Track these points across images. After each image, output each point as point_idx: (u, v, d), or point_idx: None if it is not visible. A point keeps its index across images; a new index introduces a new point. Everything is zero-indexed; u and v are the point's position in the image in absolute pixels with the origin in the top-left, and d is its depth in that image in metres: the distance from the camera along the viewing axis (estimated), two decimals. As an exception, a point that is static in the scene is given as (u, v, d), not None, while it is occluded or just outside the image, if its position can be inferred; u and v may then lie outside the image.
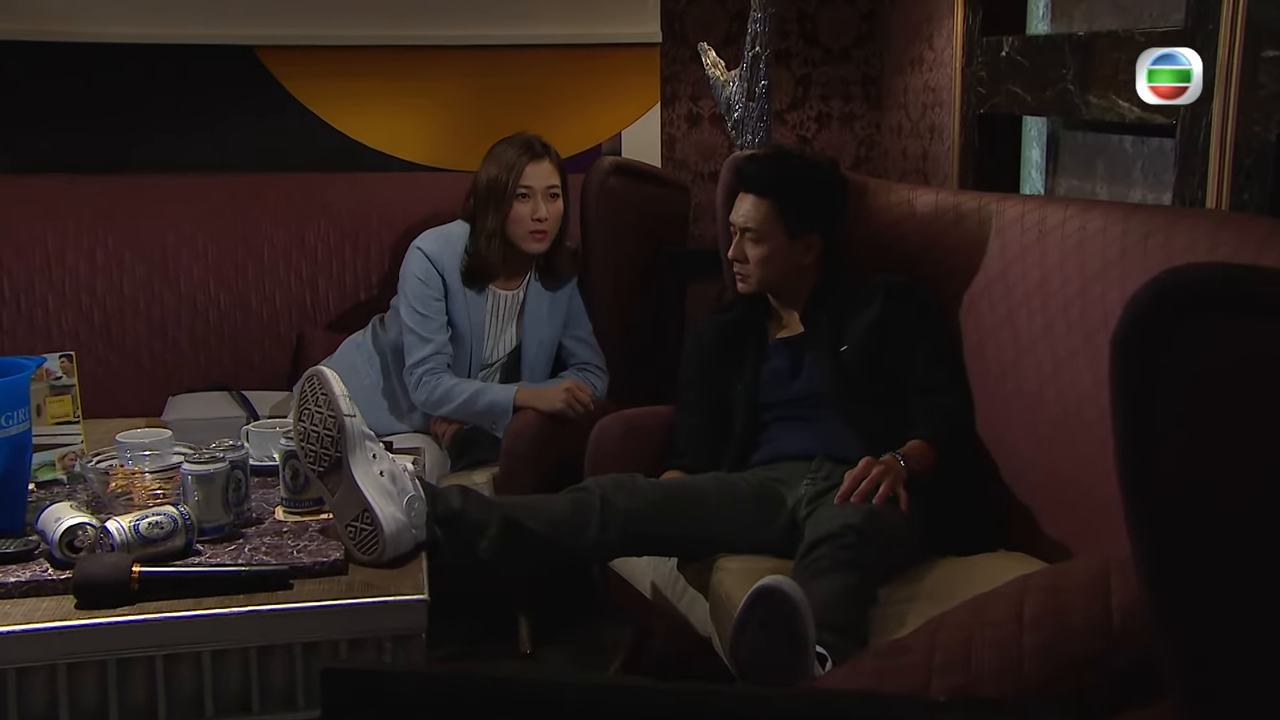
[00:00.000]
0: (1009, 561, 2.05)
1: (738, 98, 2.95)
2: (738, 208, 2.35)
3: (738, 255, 2.35)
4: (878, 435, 2.20)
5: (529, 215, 2.69)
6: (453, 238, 2.73)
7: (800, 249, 2.34)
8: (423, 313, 2.69)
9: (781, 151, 2.48)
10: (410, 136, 3.48)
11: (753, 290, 2.38)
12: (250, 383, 3.06)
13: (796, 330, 2.39)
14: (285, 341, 3.15)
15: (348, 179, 3.29)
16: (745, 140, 2.95)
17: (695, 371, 2.47)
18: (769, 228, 2.31)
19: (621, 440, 2.47)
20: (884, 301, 2.30)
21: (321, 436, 1.83)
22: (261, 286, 3.15)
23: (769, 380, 2.37)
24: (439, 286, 2.71)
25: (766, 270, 2.33)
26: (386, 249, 3.17)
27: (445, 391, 2.68)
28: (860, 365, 2.29)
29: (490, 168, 2.71)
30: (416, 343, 2.68)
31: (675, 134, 3.66)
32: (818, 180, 2.38)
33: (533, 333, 2.80)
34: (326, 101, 3.44)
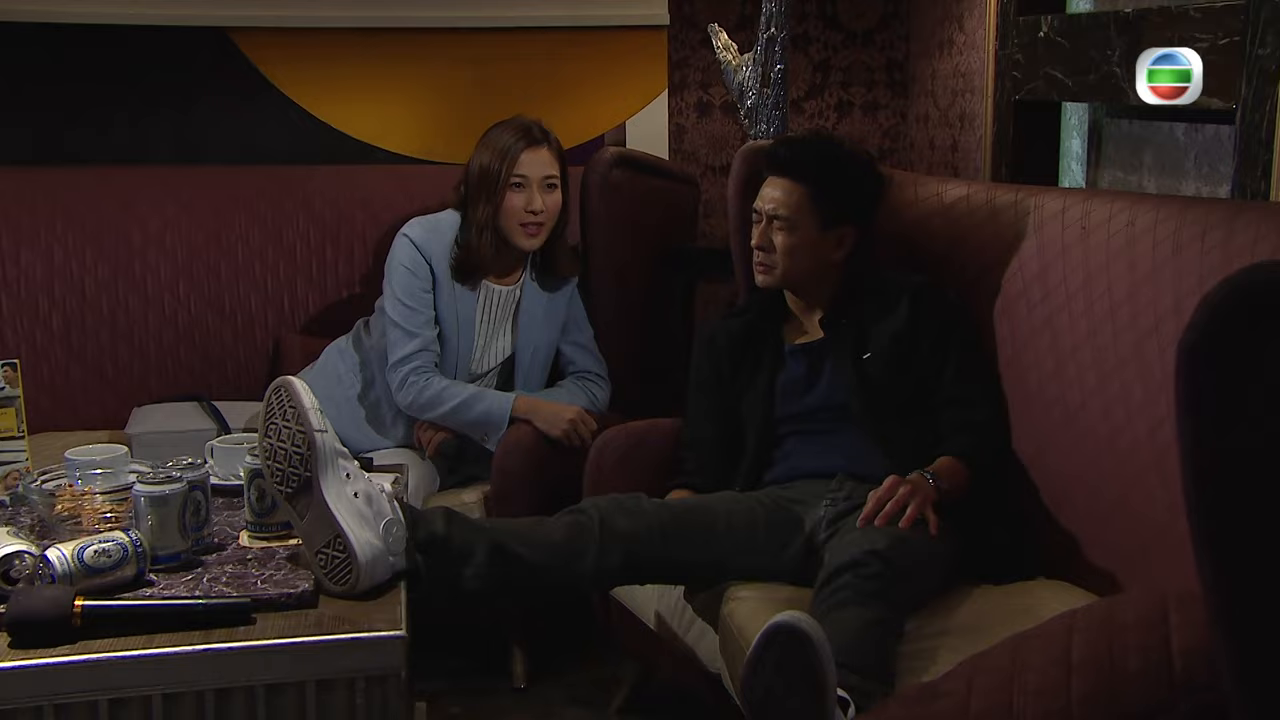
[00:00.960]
0: (1050, 591, 2.02)
1: (751, 84, 2.95)
2: (767, 192, 2.33)
3: (763, 243, 2.33)
4: (904, 451, 2.18)
5: (523, 207, 2.66)
6: (442, 226, 2.71)
7: (830, 242, 2.32)
8: (409, 305, 2.65)
9: (820, 136, 2.48)
10: (398, 126, 3.49)
11: (774, 284, 2.36)
12: (223, 393, 3.04)
13: (816, 335, 2.37)
14: (261, 348, 3.13)
15: (330, 172, 3.28)
16: (759, 130, 2.95)
17: (704, 381, 2.45)
18: (801, 216, 2.29)
19: (624, 456, 2.45)
20: (911, 304, 2.28)
21: (289, 454, 1.78)
22: (235, 288, 3.13)
23: (785, 390, 2.35)
24: (427, 277, 2.68)
25: (793, 262, 2.31)
26: (371, 248, 3.15)
27: (435, 394, 2.64)
28: (885, 374, 2.27)
29: (483, 153, 2.68)
30: (401, 338, 2.65)
31: (684, 124, 3.67)
32: (858, 170, 2.37)
33: (528, 337, 2.77)
34: (307, 88, 3.44)
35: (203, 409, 2.93)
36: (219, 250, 3.13)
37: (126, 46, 3.35)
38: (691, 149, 3.66)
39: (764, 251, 2.34)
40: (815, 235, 2.31)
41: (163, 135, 3.40)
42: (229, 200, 3.16)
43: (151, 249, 3.10)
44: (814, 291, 2.37)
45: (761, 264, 2.35)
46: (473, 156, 2.72)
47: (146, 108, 3.39)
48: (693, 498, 2.29)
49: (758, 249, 2.35)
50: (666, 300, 3.18)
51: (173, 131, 3.41)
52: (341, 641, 1.64)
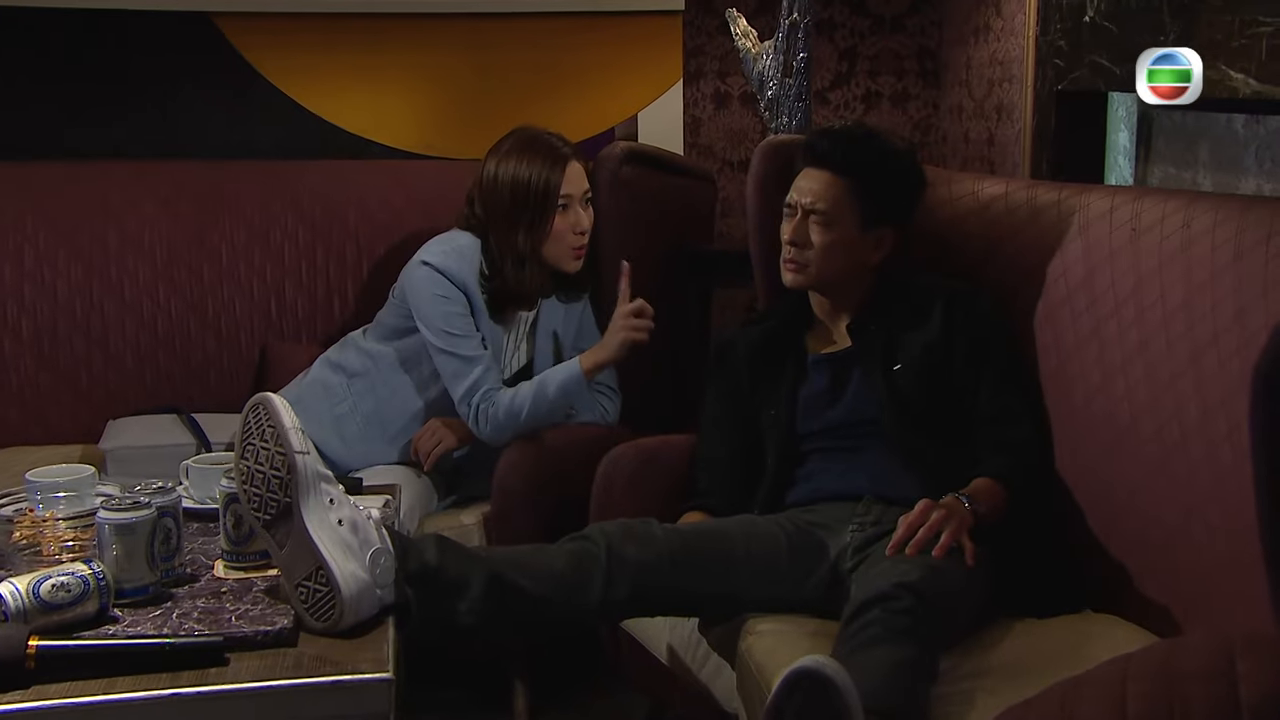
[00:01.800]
0: (1099, 627, 2.01)
1: (772, 74, 2.97)
2: (804, 184, 2.32)
3: (796, 237, 2.31)
4: (937, 472, 2.17)
5: (570, 229, 2.68)
6: (465, 250, 2.70)
7: (869, 244, 2.31)
8: (457, 333, 2.65)
9: (862, 128, 2.49)
10: (394, 118, 3.50)
11: (806, 284, 2.34)
12: (205, 405, 3.03)
13: (842, 344, 2.36)
14: (246, 357, 3.12)
15: (321, 167, 3.29)
16: (781, 123, 2.98)
17: (721, 394, 2.44)
18: (842, 212, 2.28)
19: (634, 475, 2.44)
20: (945, 311, 2.28)
21: (267, 478, 1.76)
22: (219, 293, 3.12)
23: (808, 404, 2.34)
24: (463, 302, 2.67)
25: (829, 261, 2.30)
26: (366, 250, 3.15)
27: (508, 407, 2.62)
28: (917, 387, 2.25)
29: (515, 171, 2.66)
30: (461, 368, 2.63)
31: (700, 116, 3.67)
32: (901, 166, 2.36)
33: (544, 350, 2.78)
34: (296, 78, 3.45)
35: (182, 423, 2.92)
36: (201, 252, 3.12)
37: (102, 33, 3.36)
38: (708, 143, 3.66)
39: (796, 247, 2.31)
40: (854, 234, 2.29)
41: (142, 128, 3.41)
42: (212, 198, 3.16)
43: (129, 250, 3.10)
44: (844, 296, 2.36)
45: (793, 261, 2.32)
46: (492, 177, 2.68)
47: (124, 99, 3.41)
48: (707, 522, 2.27)
49: (789, 244, 2.32)
50: (680, 306, 3.17)
51: (152, 124, 3.42)
52: (323, 685, 1.60)
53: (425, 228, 2.85)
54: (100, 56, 3.38)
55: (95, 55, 3.37)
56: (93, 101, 3.39)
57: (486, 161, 2.70)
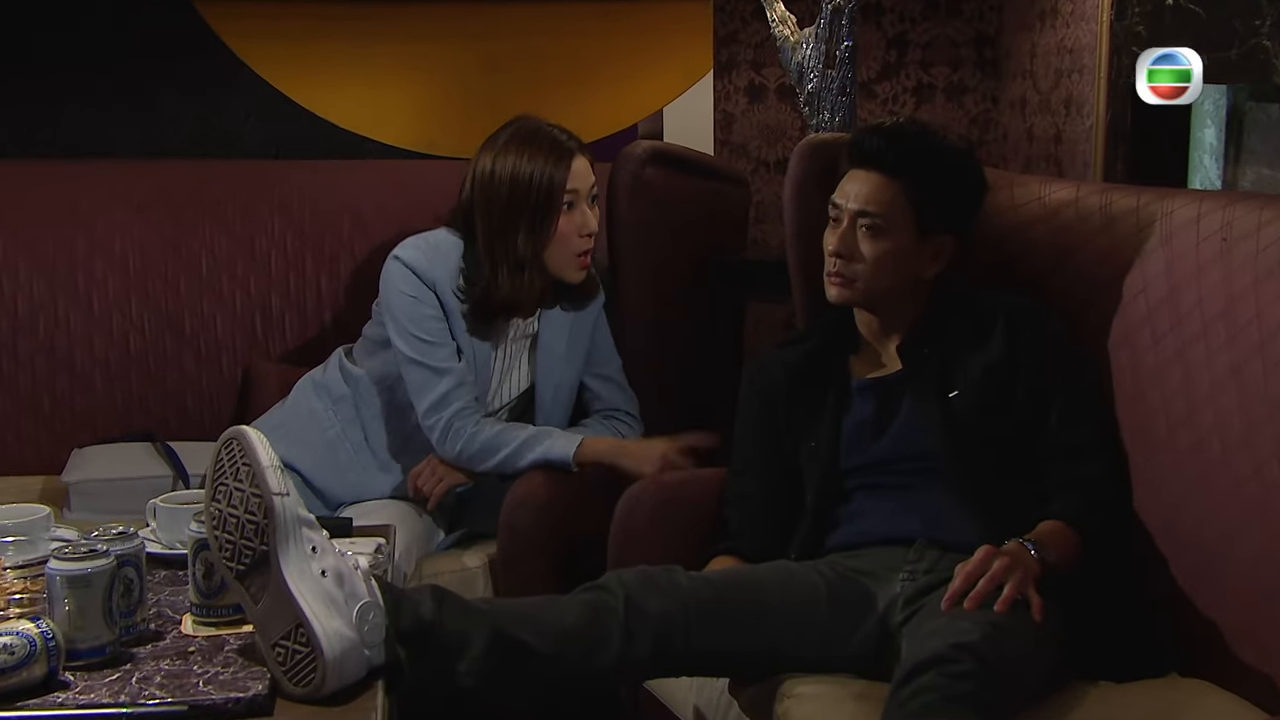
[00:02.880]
0: (1188, 694, 1.99)
1: (813, 64, 2.96)
2: (851, 188, 2.29)
3: (843, 247, 2.28)
4: (1000, 513, 2.14)
5: (576, 231, 2.65)
6: (444, 248, 2.69)
7: (926, 254, 2.29)
8: (426, 338, 2.64)
9: (915, 124, 2.49)
10: (393, 114, 3.52)
11: (853, 300, 2.32)
12: (182, 432, 3.04)
13: (891, 368, 2.34)
14: (228, 378, 3.13)
15: (313, 168, 3.31)
16: (822, 120, 2.97)
17: (754, 423, 2.43)
18: (897, 218, 2.26)
19: (656, 515, 2.43)
20: (1008, 331, 2.25)
21: (241, 523, 1.73)
22: (198, 306, 3.13)
23: (853, 435, 2.32)
24: (436, 305, 2.66)
25: (879, 274, 2.27)
26: (360, 259, 3.15)
27: (488, 441, 2.62)
28: (976, 416, 2.23)
29: (514, 166, 2.63)
30: (428, 379, 2.63)
31: (732, 111, 3.66)
32: (962, 167, 2.34)
33: (548, 372, 2.76)
34: (286, 68, 3.46)
35: (156, 452, 2.92)
36: (179, 261, 3.12)
37: (70, 18, 3.37)
38: (741, 141, 3.66)
39: (842, 259, 2.28)
40: (910, 244, 2.27)
41: (113, 124, 3.42)
42: (191, 201, 3.16)
43: (98, 259, 3.10)
44: (894, 313, 2.33)
45: (838, 274, 2.29)
46: (487, 172, 2.66)
47: (94, 91, 3.41)
48: (739, 568, 2.26)
49: (835, 255, 2.29)
50: (709, 324, 3.17)
51: (125, 119, 3.42)
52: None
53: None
54: (65, 43, 3.38)
55: (59, 42, 3.37)
56: (57, 94, 3.40)
57: (480, 157, 2.68)
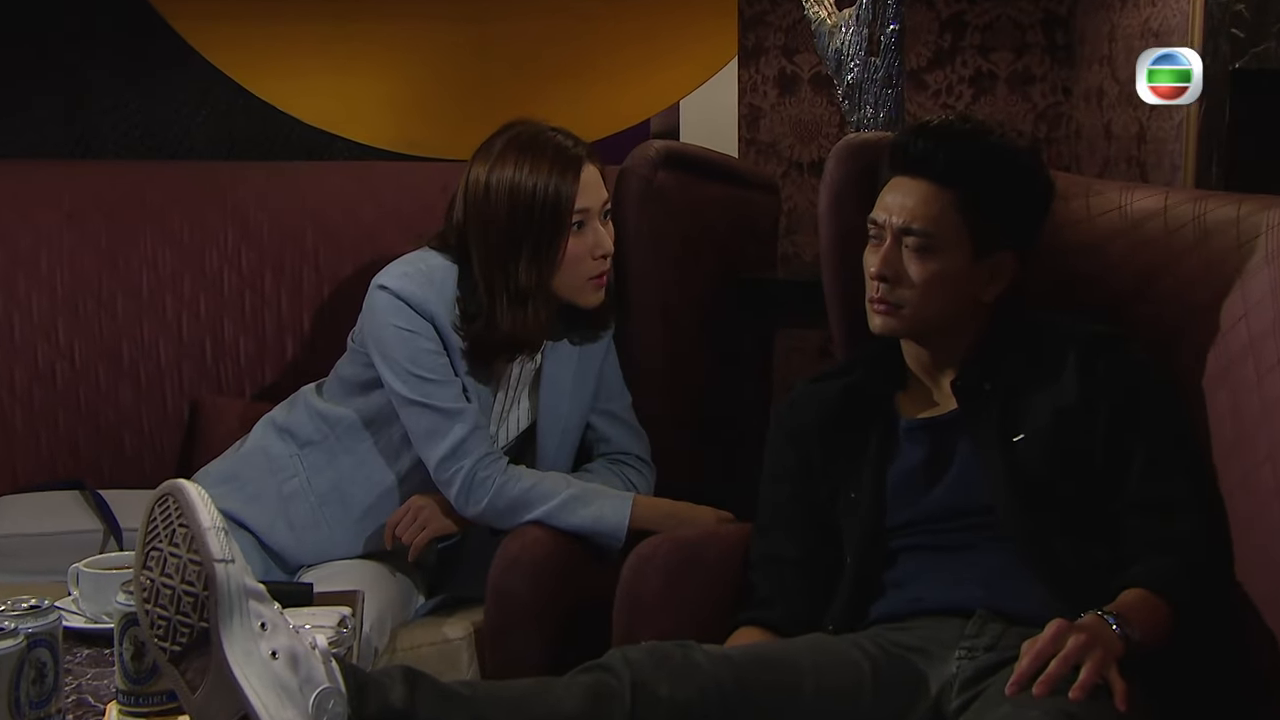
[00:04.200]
0: None
1: (854, 51, 2.97)
2: (895, 200, 2.28)
3: (887, 270, 2.27)
4: (1074, 580, 2.14)
5: (588, 253, 2.64)
6: (436, 278, 2.67)
7: (982, 275, 2.28)
8: (429, 376, 2.62)
9: (969, 121, 2.45)
10: (367, 108, 3.60)
11: (901, 329, 2.31)
12: (117, 478, 3.05)
13: (945, 407, 2.33)
14: (172, 415, 3.13)
15: (272, 171, 3.32)
16: (864, 115, 2.97)
17: (785, 470, 2.43)
18: (949, 234, 2.25)
19: (670, 578, 2.42)
20: (1082, 364, 2.24)
21: (177, 595, 1.70)
22: (137, 331, 3.13)
23: (901, 486, 2.31)
24: (435, 339, 2.64)
25: (930, 300, 2.26)
26: (327, 277, 3.15)
27: (522, 495, 2.62)
28: (1045, 465, 2.21)
29: (514, 179, 2.62)
30: (437, 424, 2.61)
31: (759, 105, 3.68)
32: (1024, 171, 2.32)
33: (552, 410, 2.76)
34: (242, 54, 3.51)
35: (86, 502, 2.91)
36: (115, 278, 3.13)
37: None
38: (770, 140, 3.66)
39: (887, 283, 2.26)
40: (965, 264, 2.25)
41: (41, 120, 3.47)
42: (132, 209, 3.17)
43: (20, 277, 3.11)
44: (948, 344, 2.32)
45: (882, 301, 2.27)
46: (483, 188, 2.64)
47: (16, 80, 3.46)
48: (767, 643, 2.26)
49: (878, 279, 2.27)
50: (733, 353, 3.16)
51: (55, 115, 3.47)
52: None
53: (405, 249, 2.83)
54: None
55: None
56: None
57: (473, 166, 2.66)
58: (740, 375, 3.18)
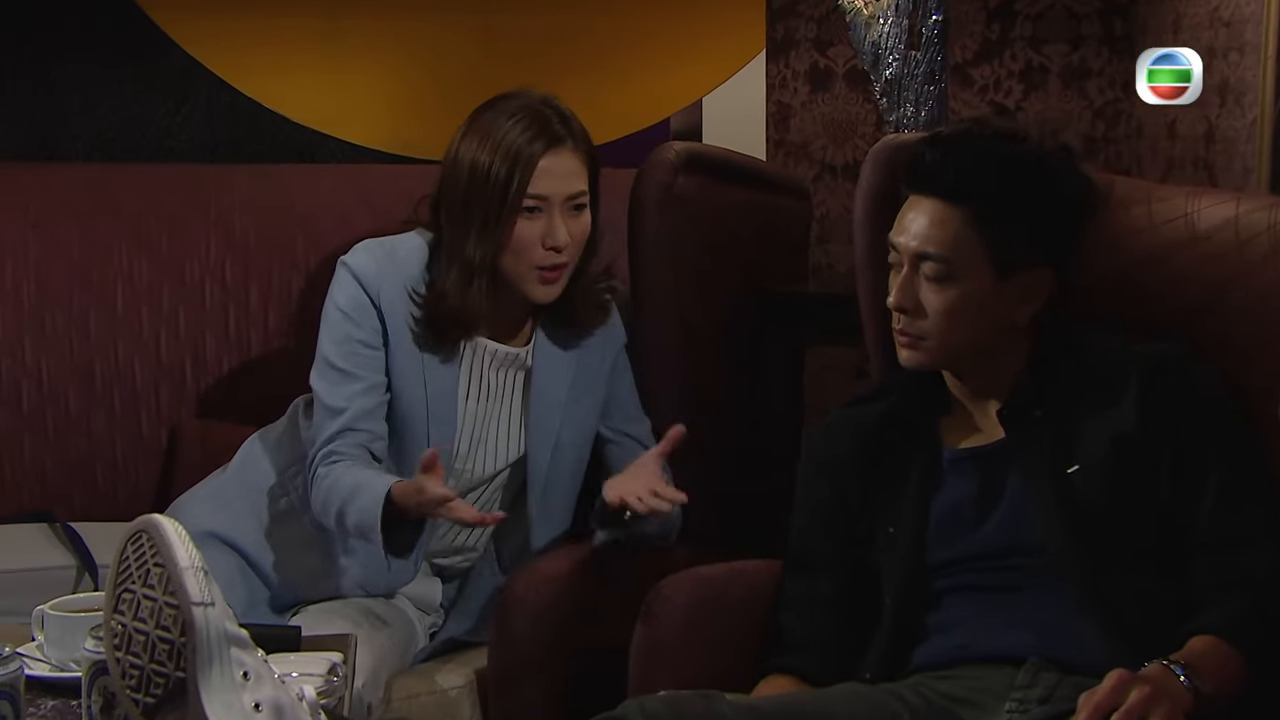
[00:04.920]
0: None
1: (893, 43, 2.98)
2: (909, 220, 2.27)
3: (905, 301, 2.27)
4: (1136, 625, 2.13)
5: (538, 241, 2.63)
6: (400, 255, 2.71)
7: (1011, 296, 2.26)
8: (340, 367, 2.66)
9: (986, 125, 2.47)
10: (362, 106, 3.61)
11: (929, 363, 2.31)
12: (88, 510, 3.05)
13: (992, 436, 2.32)
14: (149, 441, 3.15)
15: (257, 174, 3.34)
16: (905, 113, 2.99)
17: (817, 505, 2.43)
18: (965, 256, 2.24)
19: (691, 621, 2.43)
20: (1143, 388, 2.23)
21: (151, 642, 1.70)
22: (111, 349, 3.14)
23: (945, 521, 2.31)
24: (374, 329, 2.67)
25: (954, 330, 2.26)
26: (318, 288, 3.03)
27: (327, 490, 2.60)
28: (1103, 499, 2.21)
29: (476, 153, 2.66)
30: (324, 418, 2.66)
31: (789, 103, 3.69)
32: (1053, 178, 2.29)
33: (541, 423, 2.75)
34: (225, 47, 3.51)
35: (55, 535, 2.92)
36: (87, 292, 3.14)
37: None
38: (801, 141, 3.67)
39: (907, 315, 2.27)
40: (988, 287, 2.24)
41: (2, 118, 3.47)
42: (103, 217, 3.17)
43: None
44: (990, 369, 2.31)
45: (905, 333, 2.28)
46: (453, 154, 2.69)
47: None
48: (798, 693, 2.26)
49: (898, 310, 2.28)
50: (760, 374, 3.16)
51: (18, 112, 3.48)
52: None
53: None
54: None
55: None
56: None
57: (455, 135, 2.71)
58: (767, 398, 3.17)
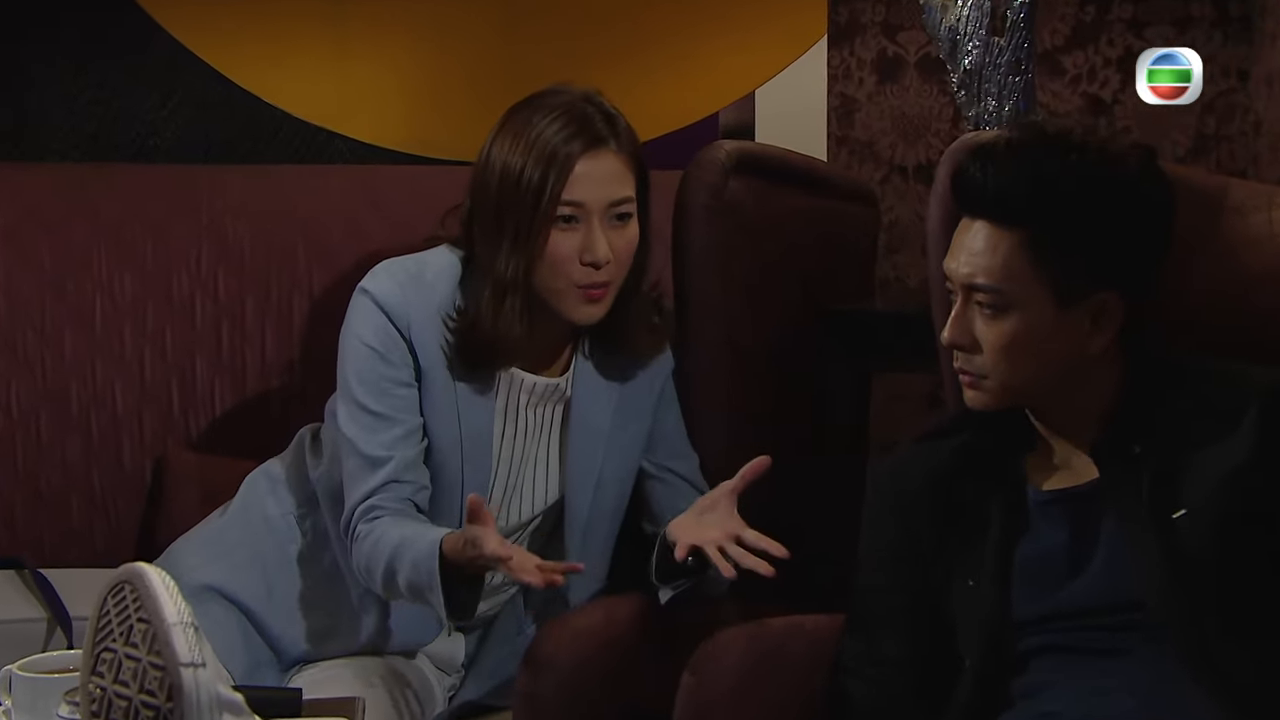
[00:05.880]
0: None
1: (973, 28, 2.98)
2: (957, 246, 2.29)
3: (960, 336, 2.28)
4: (1249, 692, 2.13)
5: (575, 255, 2.62)
6: (428, 278, 2.70)
7: (1078, 326, 2.26)
8: (376, 410, 2.65)
9: (1035, 128, 2.44)
10: (372, 100, 3.65)
11: (995, 404, 2.32)
12: (62, 554, 3.07)
13: (1084, 476, 2.32)
14: (132, 474, 3.16)
15: (254, 176, 3.36)
16: (985, 107, 2.99)
17: (886, 552, 2.43)
18: (1019, 286, 2.24)
19: (746, 680, 2.43)
20: (1262, 420, 2.23)
21: (134, 709, 1.74)
22: (88, 372, 3.16)
23: (1032, 573, 2.30)
24: (405, 363, 2.67)
25: (1015, 367, 2.27)
26: (324, 306, 3.17)
27: (371, 546, 2.59)
28: (1214, 548, 2.20)
29: (508, 153, 2.66)
30: (360, 468, 2.64)
31: (854, 95, 3.71)
32: (1113, 190, 2.26)
33: (582, 457, 2.76)
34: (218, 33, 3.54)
35: (24, 584, 2.94)
36: (62, 307, 3.16)
37: None
38: (867, 139, 3.69)
39: (964, 351, 2.28)
40: (1048, 318, 2.25)
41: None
42: (81, 223, 3.20)
43: None
44: (1073, 402, 2.32)
45: (965, 372, 2.30)
46: (484, 158, 2.69)
47: None
48: None
49: (951, 347, 2.31)
50: (821, 402, 3.18)
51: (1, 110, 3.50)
52: None
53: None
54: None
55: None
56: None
57: (488, 136, 2.71)
58: (828, 430, 3.18)
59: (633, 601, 2.68)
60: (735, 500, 2.56)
